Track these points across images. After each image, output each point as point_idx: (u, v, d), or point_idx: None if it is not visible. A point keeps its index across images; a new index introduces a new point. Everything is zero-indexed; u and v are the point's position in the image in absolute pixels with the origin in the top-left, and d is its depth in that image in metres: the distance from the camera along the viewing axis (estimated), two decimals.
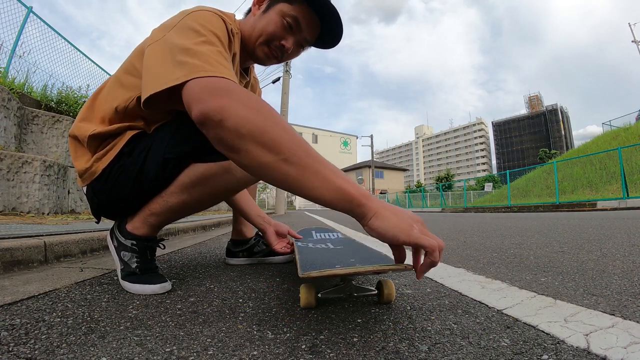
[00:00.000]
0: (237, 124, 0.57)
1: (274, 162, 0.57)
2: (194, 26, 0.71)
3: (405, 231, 0.55)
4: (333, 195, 0.57)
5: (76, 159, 0.89)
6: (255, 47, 0.89)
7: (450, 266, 1.24)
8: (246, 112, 0.58)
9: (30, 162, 2.60)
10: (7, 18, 4.33)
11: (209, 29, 0.71)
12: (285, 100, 11.91)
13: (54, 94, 4.37)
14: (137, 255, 0.86)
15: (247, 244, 1.30)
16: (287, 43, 0.86)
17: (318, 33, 0.88)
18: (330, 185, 0.57)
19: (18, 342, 0.51)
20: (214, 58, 0.65)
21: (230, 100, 0.59)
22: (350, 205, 0.57)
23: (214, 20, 0.74)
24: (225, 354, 0.49)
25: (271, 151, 0.56)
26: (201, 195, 0.85)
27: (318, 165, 0.57)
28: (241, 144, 0.57)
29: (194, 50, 0.66)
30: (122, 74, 0.84)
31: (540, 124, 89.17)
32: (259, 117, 0.58)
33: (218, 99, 0.59)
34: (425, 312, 0.69)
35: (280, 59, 0.91)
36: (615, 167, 10.07)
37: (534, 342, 0.52)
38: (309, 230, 1.56)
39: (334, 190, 0.57)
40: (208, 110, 0.58)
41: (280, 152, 0.56)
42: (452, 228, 3.35)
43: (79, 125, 0.88)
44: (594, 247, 1.59)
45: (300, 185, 0.57)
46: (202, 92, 0.60)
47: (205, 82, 0.61)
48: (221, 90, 0.60)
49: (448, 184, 26.61)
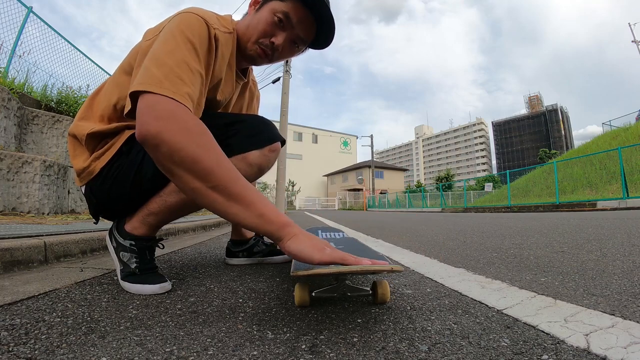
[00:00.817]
0: (170, 151, 0.61)
1: (202, 189, 0.62)
2: (173, 32, 0.73)
3: (318, 251, 0.61)
4: (255, 221, 0.63)
5: (74, 157, 0.89)
6: (247, 46, 0.89)
7: (450, 266, 1.24)
8: (181, 140, 0.62)
9: (30, 162, 2.60)
10: (7, 18, 4.33)
11: (186, 36, 0.72)
12: (285, 100, 11.91)
13: (54, 94, 4.36)
14: (136, 256, 0.86)
15: (246, 244, 1.30)
16: (277, 40, 0.85)
17: (314, 32, 0.88)
18: (252, 212, 0.63)
19: (18, 342, 0.51)
20: (175, 71, 0.67)
21: (168, 126, 0.62)
22: (270, 229, 0.64)
23: (195, 25, 0.75)
24: (225, 354, 0.49)
25: (200, 179, 0.62)
26: None
27: (244, 193, 0.63)
28: (174, 169, 0.63)
29: (160, 58, 0.68)
30: (119, 73, 0.86)
31: (540, 124, 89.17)
32: (192, 146, 0.62)
33: (158, 122, 0.62)
34: (425, 312, 0.69)
35: (272, 57, 0.90)
36: (615, 167, 10.07)
37: (534, 342, 0.52)
38: (315, 229, 1.56)
39: (256, 216, 0.63)
40: (147, 133, 0.62)
41: (208, 180, 0.62)
42: (452, 228, 3.35)
43: (77, 124, 0.88)
44: (594, 247, 1.59)
45: (226, 211, 0.63)
46: (146, 114, 0.63)
47: (153, 101, 0.64)
48: (164, 113, 0.63)
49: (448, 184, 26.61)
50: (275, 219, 0.64)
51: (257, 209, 0.63)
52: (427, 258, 1.45)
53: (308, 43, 0.91)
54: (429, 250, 1.72)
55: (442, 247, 1.84)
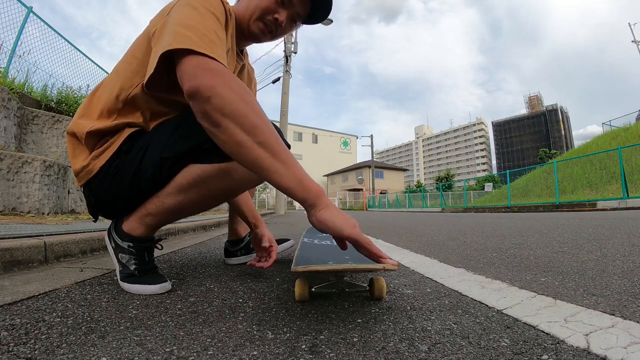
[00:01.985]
0: (223, 103, 0.63)
1: (249, 143, 0.63)
2: (192, 4, 0.74)
3: (349, 227, 0.62)
4: (294, 185, 0.64)
5: (74, 157, 0.88)
6: (249, 24, 0.91)
7: (450, 266, 1.24)
8: (232, 95, 0.64)
9: (30, 162, 2.60)
10: (7, 18, 4.33)
11: (207, 8, 0.74)
12: (285, 100, 11.90)
13: (54, 94, 4.36)
14: (135, 258, 0.86)
15: (243, 242, 1.30)
16: (281, 16, 0.89)
17: (309, 7, 0.92)
18: (293, 175, 0.64)
19: (18, 342, 0.51)
20: (208, 37, 0.69)
21: (221, 81, 0.64)
22: (307, 196, 0.64)
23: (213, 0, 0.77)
24: (225, 354, 0.49)
25: (248, 133, 0.63)
26: (198, 197, 0.83)
27: (286, 155, 0.65)
28: (222, 121, 0.63)
29: (189, 24, 0.69)
30: (121, 65, 0.85)
31: (540, 124, 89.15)
32: (242, 103, 0.64)
33: (210, 77, 0.64)
34: (425, 312, 0.69)
35: (275, 33, 0.93)
36: (615, 167, 10.07)
37: (534, 342, 0.52)
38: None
39: (296, 180, 0.64)
40: (200, 85, 0.64)
41: (255, 135, 0.63)
42: (452, 228, 3.35)
43: (77, 122, 0.87)
44: (594, 247, 1.59)
45: (268, 169, 0.63)
46: (196, 69, 0.65)
47: (200, 60, 0.66)
48: (214, 71, 0.65)
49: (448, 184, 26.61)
50: (313, 186, 0.65)
51: (297, 172, 0.64)
52: (427, 258, 1.45)
53: (304, 18, 0.94)
54: (429, 250, 1.72)
55: (442, 247, 1.84)
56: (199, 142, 0.77)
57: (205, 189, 0.82)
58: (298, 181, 0.64)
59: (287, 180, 0.64)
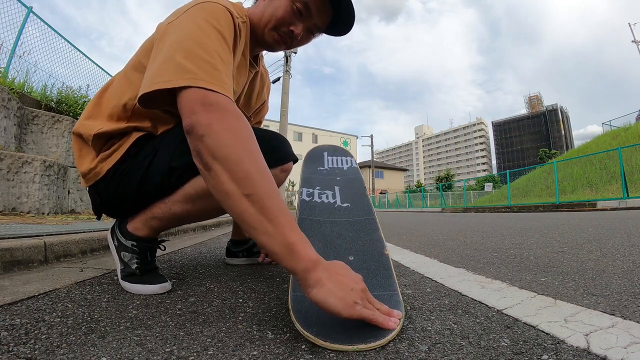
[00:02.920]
0: (215, 144, 0.58)
1: (236, 194, 0.57)
2: (199, 21, 0.70)
3: (347, 307, 0.53)
4: (281, 250, 0.55)
5: (80, 157, 0.87)
6: (264, 33, 0.87)
7: (450, 266, 1.24)
8: (227, 137, 0.59)
9: (30, 162, 2.60)
10: (7, 18, 4.33)
11: (214, 27, 0.70)
12: (285, 100, 11.90)
13: (54, 94, 4.36)
14: (137, 257, 0.86)
15: (246, 244, 1.30)
16: (297, 29, 0.84)
17: (330, 20, 0.86)
18: (282, 239, 0.55)
19: (18, 342, 0.51)
20: (211, 62, 0.65)
21: (219, 121, 0.60)
22: (295, 267, 0.55)
23: (222, 15, 0.72)
24: (225, 354, 0.49)
25: (237, 182, 0.57)
26: (205, 207, 0.83)
27: (278, 213, 0.56)
28: (213, 164, 0.58)
29: (195, 53, 0.65)
30: (129, 70, 0.83)
31: (540, 124, 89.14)
32: (238, 148, 0.59)
33: (207, 114, 0.60)
34: (425, 312, 0.69)
35: (290, 45, 0.89)
36: (615, 167, 10.07)
37: (534, 342, 0.52)
38: (320, 152, 1.33)
39: (284, 245, 0.55)
40: (196, 122, 0.60)
41: (244, 186, 0.57)
42: (452, 228, 3.35)
43: (84, 123, 0.86)
44: (594, 247, 1.59)
45: (254, 228, 0.56)
46: (195, 104, 0.61)
47: (198, 94, 0.62)
48: (213, 107, 0.61)
49: (448, 184, 26.61)
50: (305, 255, 0.55)
51: (287, 235, 0.55)
52: (427, 258, 1.45)
53: (323, 30, 0.89)
54: (429, 250, 1.72)
55: (442, 247, 1.84)
56: None
57: (213, 200, 0.79)
58: (286, 247, 0.55)
59: (273, 244, 0.55)
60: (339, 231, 0.92)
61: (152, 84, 0.65)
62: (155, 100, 0.68)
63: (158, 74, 0.65)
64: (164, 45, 0.69)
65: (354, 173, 1.23)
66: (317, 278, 0.54)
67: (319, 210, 1.00)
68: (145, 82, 0.67)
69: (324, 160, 1.29)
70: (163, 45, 0.69)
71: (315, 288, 0.54)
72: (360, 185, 1.15)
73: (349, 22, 0.87)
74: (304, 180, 1.13)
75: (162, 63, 0.66)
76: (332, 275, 0.55)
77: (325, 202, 1.04)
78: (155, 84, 0.64)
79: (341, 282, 0.55)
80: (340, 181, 1.16)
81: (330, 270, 0.56)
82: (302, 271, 0.55)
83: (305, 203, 1.02)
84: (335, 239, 0.88)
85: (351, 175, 1.21)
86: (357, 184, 1.16)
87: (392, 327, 0.54)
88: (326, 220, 0.96)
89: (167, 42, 0.69)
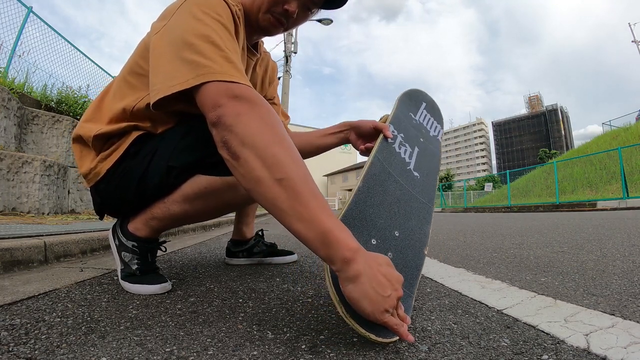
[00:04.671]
0: (245, 132, 0.57)
1: (267, 179, 0.54)
2: (196, 14, 0.67)
3: (376, 310, 0.49)
4: (314, 236, 0.52)
5: (81, 159, 0.87)
6: (258, 18, 0.84)
7: (450, 266, 1.24)
8: (258, 125, 0.57)
9: (30, 162, 2.60)
10: (7, 18, 4.33)
11: (214, 18, 0.68)
12: (285, 100, 11.90)
13: (54, 94, 4.37)
14: (138, 257, 0.86)
15: (247, 245, 1.30)
16: (291, 7, 0.81)
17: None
18: (316, 225, 0.52)
19: (18, 342, 0.51)
20: (226, 57, 0.64)
21: (249, 110, 0.59)
22: (331, 256, 0.51)
23: (218, 6, 0.70)
24: (225, 354, 0.49)
25: (267, 167, 0.54)
26: (203, 207, 0.83)
27: (311, 198, 0.53)
28: (242, 152, 0.56)
29: (200, 46, 0.63)
30: (127, 73, 0.82)
31: (540, 124, 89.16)
32: (268, 134, 0.57)
33: (235, 105, 0.59)
34: (425, 312, 0.69)
35: (287, 26, 0.86)
36: (615, 167, 10.07)
37: (534, 342, 0.52)
38: (420, 99, 1.15)
39: (319, 232, 0.51)
40: (223, 113, 0.58)
41: (276, 171, 0.54)
42: (452, 228, 3.35)
43: (83, 126, 0.85)
44: (594, 247, 1.59)
45: (286, 213, 0.53)
46: (219, 97, 0.60)
47: (221, 87, 0.60)
48: (239, 97, 0.60)
49: (448, 184, 26.61)
50: (343, 242, 0.51)
51: (323, 222, 0.52)
52: (427, 258, 1.45)
53: (320, 4, 0.85)
54: (428, 250, 1.72)
55: (442, 247, 1.84)
56: (205, 154, 0.74)
57: (211, 200, 0.80)
58: (322, 234, 0.51)
59: (308, 231, 0.52)
60: (400, 197, 0.81)
61: (169, 87, 0.63)
62: (169, 102, 0.66)
63: (172, 76, 0.63)
64: (166, 44, 0.68)
65: (435, 145, 1.08)
66: (356, 271, 0.50)
67: (394, 161, 0.87)
68: (157, 85, 0.65)
69: (419, 110, 1.12)
70: (165, 44, 0.68)
71: (352, 284, 0.50)
72: (436, 164, 1.02)
73: None
74: (394, 118, 0.99)
75: (172, 63, 0.64)
76: (373, 272, 0.50)
77: (401, 157, 0.91)
78: (172, 87, 0.63)
79: (380, 284, 0.50)
80: (422, 144, 1.01)
81: (372, 265, 0.51)
82: (340, 261, 0.50)
83: (386, 144, 0.89)
84: (393, 204, 0.77)
85: (432, 146, 1.06)
86: (434, 160, 1.03)
87: (411, 340, 0.51)
88: (395, 177, 0.84)
89: (169, 41, 0.67)
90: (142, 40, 0.83)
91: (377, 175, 0.79)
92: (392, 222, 0.74)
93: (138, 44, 0.83)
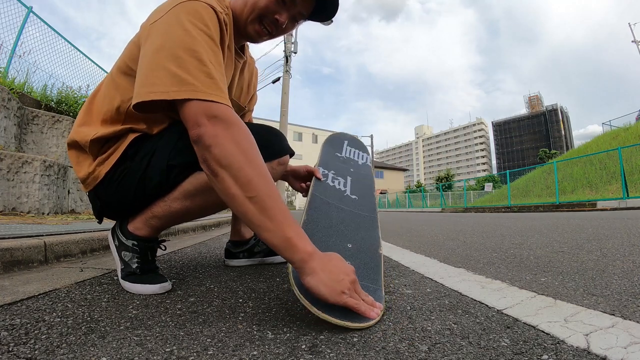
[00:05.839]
0: (221, 154, 0.64)
1: (240, 197, 0.63)
2: (185, 25, 0.69)
3: (335, 294, 0.60)
4: (279, 243, 0.62)
5: (78, 164, 0.87)
6: (246, 24, 0.86)
7: (450, 266, 1.24)
8: (232, 147, 0.64)
9: (30, 162, 2.60)
10: (7, 18, 4.33)
11: (201, 29, 0.70)
12: (285, 100, 11.90)
13: (54, 94, 4.36)
14: (138, 256, 0.86)
15: (247, 245, 1.29)
16: (282, 17, 0.84)
17: (313, 6, 0.86)
18: (280, 234, 0.62)
19: (18, 342, 0.51)
20: (206, 71, 0.67)
21: (225, 132, 0.65)
22: (292, 257, 0.62)
23: (205, 15, 0.72)
24: (225, 354, 0.49)
25: (240, 187, 0.63)
26: (204, 203, 0.84)
27: (277, 212, 0.63)
28: (219, 171, 0.64)
29: (185, 61, 0.66)
30: (117, 73, 0.83)
31: (540, 124, 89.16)
32: (241, 156, 0.64)
33: (213, 126, 0.65)
34: (425, 312, 0.69)
35: (274, 34, 0.89)
36: (615, 167, 10.07)
37: (534, 342, 0.52)
38: (341, 139, 1.38)
39: (283, 239, 0.62)
40: (203, 134, 0.64)
41: (247, 190, 0.63)
42: (452, 228, 3.35)
43: (78, 130, 0.86)
44: (594, 247, 1.59)
45: (257, 225, 0.63)
46: (199, 116, 0.65)
47: (201, 106, 0.65)
48: (217, 119, 0.65)
49: (448, 184, 26.62)
50: (301, 247, 0.62)
51: (285, 230, 0.62)
52: (427, 258, 1.45)
53: (307, 17, 0.89)
54: (428, 250, 1.72)
55: (442, 247, 1.85)
56: None
57: (211, 196, 0.81)
58: (285, 241, 0.62)
59: (273, 238, 0.62)
60: (344, 218, 0.96)
61: (149, 93, 0.66)
62: (151, 106, 0.69)
63: (152, 83, 0.66)
64: (150, 48, 0.69)
65: (366, 170, 1.27)
66: (311, 267, 0.61)
67: (330, 193, 1.05)
68: (139, 89, 0.68)
69: (343, 148, 1.33)
70: (150, 48, 0.70)
71: (309, 276, 0.61)
72: (370, 184, 1.20)
73: (332, 7, 0.88)
74: (322, 161, 1.17)
75: (155, 70, 0.67)
76: (325, 265, 0.62)
77: (336, 188, 1.09)
78: (152, 94, 0.66)
79: (332, 272, 0.61)
80: (353, 173, 1.20)
81: (324, 260, 0.63)
82: (299, 261, 0.62)
83: (319, 182, 1.07)
84: (339, 224, 0.92)
85: (363, 171, 1.25)
86: (367, 181, 1.21)
87: (373, 317, 0.61)
88: (335, 204, 1.00)
89: (154, 46, 0.69)
90: (130, 40, 0.83)
91: (318, 207, 0.95)
92: (342, 238, 0.87)
93: (127, 45, 0.83)
